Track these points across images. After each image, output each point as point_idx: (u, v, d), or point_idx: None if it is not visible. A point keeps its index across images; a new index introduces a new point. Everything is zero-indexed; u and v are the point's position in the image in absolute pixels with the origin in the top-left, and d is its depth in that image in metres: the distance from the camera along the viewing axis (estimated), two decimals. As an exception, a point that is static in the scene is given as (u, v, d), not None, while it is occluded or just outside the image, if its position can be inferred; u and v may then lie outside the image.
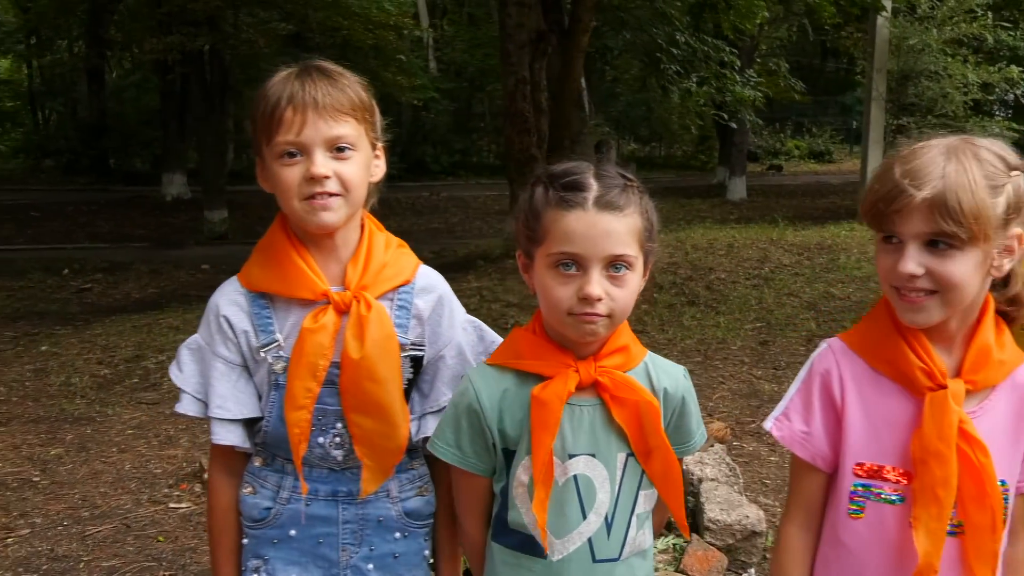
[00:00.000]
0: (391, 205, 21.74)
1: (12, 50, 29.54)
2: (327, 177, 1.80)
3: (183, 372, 1.94)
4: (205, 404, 1.91)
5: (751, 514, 3.95)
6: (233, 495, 1.96)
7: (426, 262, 2.01)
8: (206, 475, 4.86)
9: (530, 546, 1.81)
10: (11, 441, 5.58)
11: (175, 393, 5.91)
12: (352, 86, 1.87)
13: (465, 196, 22.95)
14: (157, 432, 5.71)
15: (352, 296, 1.85)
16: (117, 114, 25.59)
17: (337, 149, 1.82)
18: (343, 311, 1.85)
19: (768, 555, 4.02)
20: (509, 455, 1.82)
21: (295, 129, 1.80)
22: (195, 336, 1.95)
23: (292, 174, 1.82)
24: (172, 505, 4.64)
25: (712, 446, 4.54)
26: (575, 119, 11.18)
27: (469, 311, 2.06)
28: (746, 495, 4.33)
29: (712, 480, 4.18)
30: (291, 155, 1.82)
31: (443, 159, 26.63)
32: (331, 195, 1.82)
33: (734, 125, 16.30)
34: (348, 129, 1.83)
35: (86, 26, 23.69)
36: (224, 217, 16.84)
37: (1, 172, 25.46)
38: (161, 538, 4.27)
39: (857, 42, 16.27)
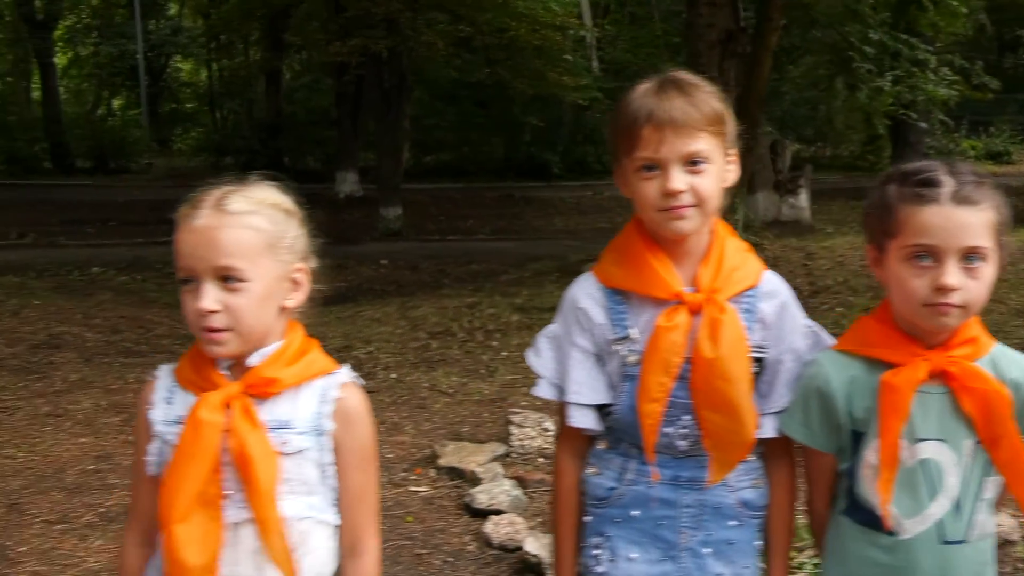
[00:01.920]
0: (555, 204, 21.98)
1: (193, 54, 31.15)
2: (683, 191, 1.90)
3: (541, 358, 2.07)
4: (559, 389, 2.04)
5: (1005, 523, 3.90)
6: (577, 476, 2.09)
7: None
8: (440, 461, 5.10)
9: (879, 523, 1.91)
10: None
11: (390, 383, 6.19)
12: (707, 100, 1.94)
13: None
14: (382, 419, 5.98)
15: (704, 298, 1.95)
16: (290, 114, 26.66)
17: (692, 163, 1.91)
18: (695, 312, 1.94)
19: (1020, 565, 3.96)
20: (857, 436, 1.92)
21: (653, 146, 1.90)
22: (552, 326, 2.08)
23: (650, 188, 1.92)
24: (412, 488, 4.87)
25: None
26: (760, 119, 11.10)
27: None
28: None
29: (957, 484, 4.14)
30: (649, 168, 1.92)
31: (604, 159, 26.64)
32: (686, 207, 1.91)
33: (924, 125, 15.86)
34: (703, 145, 1.91)
35: (265, 30, 24.78)
36: (399, 214, 17.35)
37: (185, 169, 26.89)
38: (409, 518, 4.50)
39: (1048, 37, 15.57)
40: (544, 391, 2.06)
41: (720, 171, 1.96)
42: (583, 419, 2.02)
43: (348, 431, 1.84)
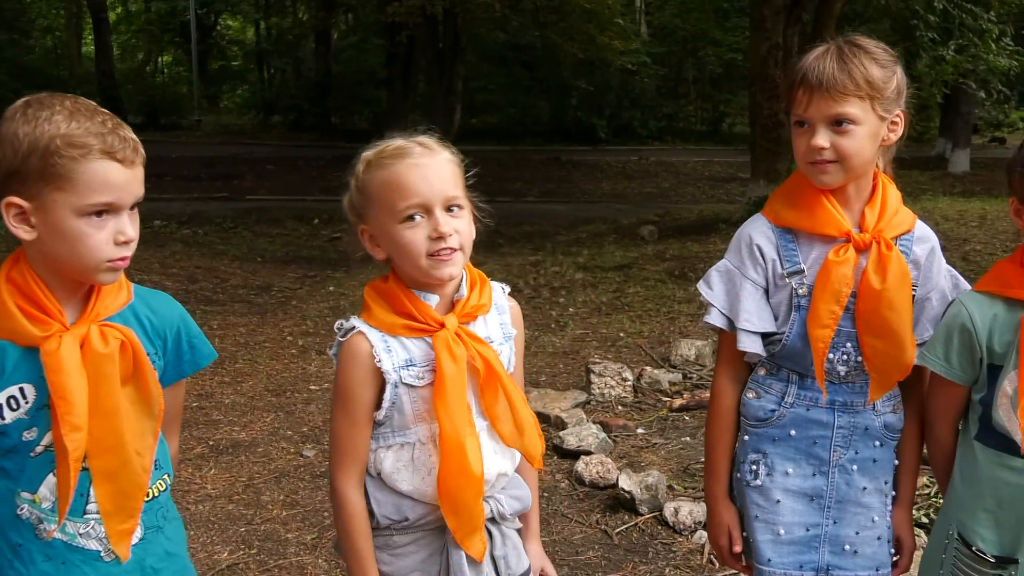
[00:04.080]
0: (601, 168, 22.04)
1: (242, 12, 31.37)
2: (824, 148, 2.10)
3: (713, 290, 2.27)
4: (728, 319, 2.25)
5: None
6: (736, 399, 2.30)
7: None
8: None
9: (1014, 448, 2.09)
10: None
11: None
12: (863, 66, 2.09)
13: (674, 161, 23.00)
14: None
15: (871, 237, 2.15)
16: (338, 74, 26.82)
17: (837, 123, 2.09)
18: (862, 249, 2.15)
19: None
20: (994, 370, 2.11)
21: (803, 107, 2.12)
22: (723, 261, 2.28)
23: (800, 142, 2.15)
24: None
25: None
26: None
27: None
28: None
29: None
30: (800, 125, 2.15)
31: (651, 124, 26.69)
32: (828, 162, 2.11)
33: (983, 94, 15.78)
34: (849, 108, 2.08)
35: (316, -11, 24.95)
36: (448, 174, 17.50)
37: (233, 127, 27.20)
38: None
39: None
40: (715, 319, 2.25)
41: (872, 131, 2.13)
42: (752, 345, 2.22)
43: (519, 331, 2.11)
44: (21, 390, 1.77)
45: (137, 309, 1.89)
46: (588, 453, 4.67)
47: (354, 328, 1.97)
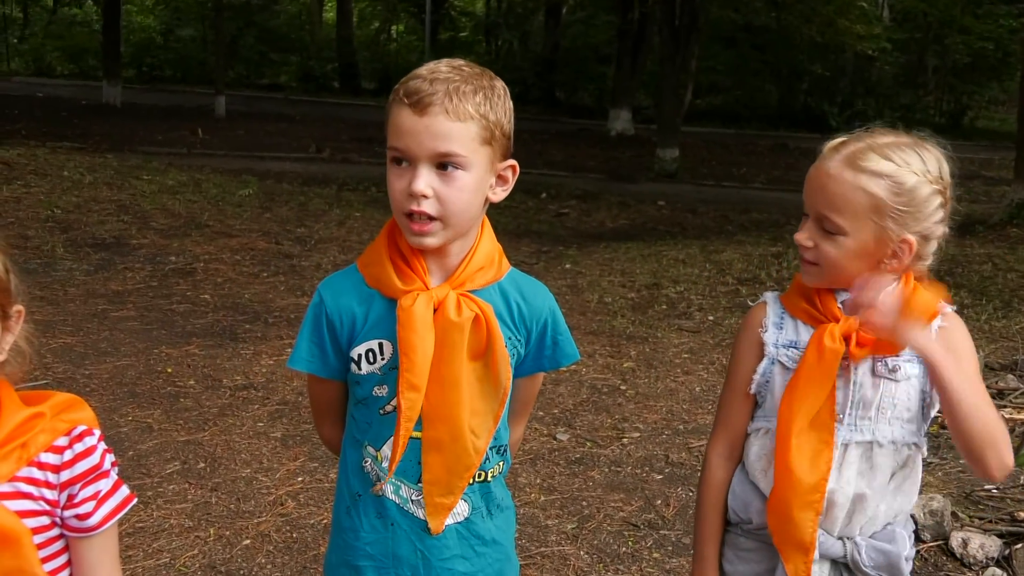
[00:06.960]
0: (832, 158, 21.20)
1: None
2: None
3: None
4: None
5: None
6: None
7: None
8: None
9: None
10: (584, 349, 6.16)
11: (708, 324, 6.19)
12: None
13: (910, 154, 21.85)
14: (711, 359, 6.05)
15: None
16: (565, 49, 26.89)
17: None
18: None
19: None
20: None
21: None
22: None
23: None
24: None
25: None
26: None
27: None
28: None
29: None
30: None
31: (885, 113, 25.42)
32: None
33: None
34: None
35: (549, -37, 25.01)
36: (676, 156, 17.26)
37: (460, 97, 27.71)
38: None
39: None
40: None
41: None
42: None
43: (954, 345, 1.84)
44: (380, 345, 1.79)
45: (507, 291, 1.85)
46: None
47: (764, 299, 1.98)
